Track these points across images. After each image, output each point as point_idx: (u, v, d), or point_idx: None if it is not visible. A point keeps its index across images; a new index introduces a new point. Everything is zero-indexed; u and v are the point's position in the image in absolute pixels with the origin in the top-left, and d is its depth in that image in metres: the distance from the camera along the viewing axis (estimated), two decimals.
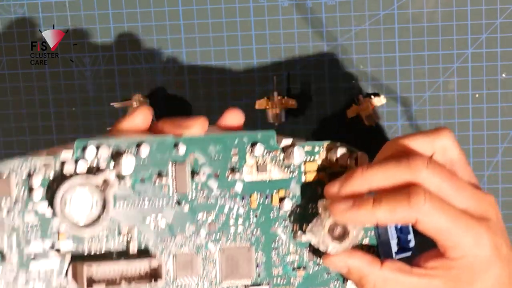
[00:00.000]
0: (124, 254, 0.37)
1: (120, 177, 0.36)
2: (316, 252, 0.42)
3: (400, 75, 0.64)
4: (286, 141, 0.41)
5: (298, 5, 0.63)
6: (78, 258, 0.36)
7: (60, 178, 0.36)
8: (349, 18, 0.63)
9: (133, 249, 0.37)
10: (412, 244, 0.42)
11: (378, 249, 0.43)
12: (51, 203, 0.36)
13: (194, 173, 0.38)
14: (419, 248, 0.42)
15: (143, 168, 0.37)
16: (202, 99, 0.66)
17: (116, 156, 0.36)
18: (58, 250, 0.36)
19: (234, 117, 0.42)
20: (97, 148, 0.36)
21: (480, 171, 0.65)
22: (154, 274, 0.36)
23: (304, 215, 0.42)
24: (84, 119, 0.67)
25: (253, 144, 0.40)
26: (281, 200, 0.41)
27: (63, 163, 0.36)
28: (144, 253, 0.38)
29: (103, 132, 0.66)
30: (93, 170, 0.36)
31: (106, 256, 0.37)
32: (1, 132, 0.68)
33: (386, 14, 0.63)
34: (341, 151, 0.42)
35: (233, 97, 0.65)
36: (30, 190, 0.36)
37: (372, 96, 0.64)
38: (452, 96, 0.64)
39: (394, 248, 0.42)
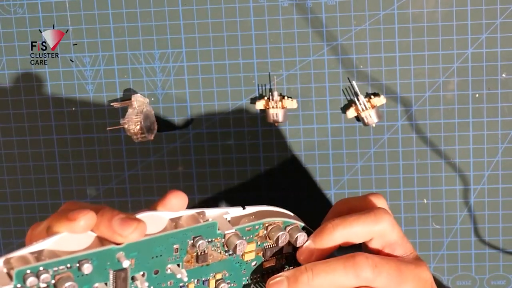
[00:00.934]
0: None
1: None
2: None
3: (400, 75, 0.64)
4: (229, 231, 0.40)
5: (298, 5, 0.63)
6: None
7: None
8: (349, 18, 0.63)
9: None
10: None
11: None
12: None
13: (133, 277, 0.38)
14: None
15: (84, 281, 0.36)
16: (202, 99, 0.66)
17: (57, 281, 0.35)
18: None
19: (177, 201, 0.40)
20: (38, 276, 0.35)
21: (480, 171, 0.65)
22: None
23: None
24: (84, 119, 0.67)
25: (196, 236, 0.40)
26: (218, 281, 0.42)
27: None
28: None
29: (103, 131, 0.67)
30: None
31: None
32: (1, 132, 0.68)
33: (386, 14, 0.63)
34: (281, 233, 0.42)
35: (233, 97, 0.65)
36: None
37: (372, 96, 0.64)
38: (452, 96, 0.64)
39: None
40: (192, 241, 0.39)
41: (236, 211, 0.42)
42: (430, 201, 0.66)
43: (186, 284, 0.41)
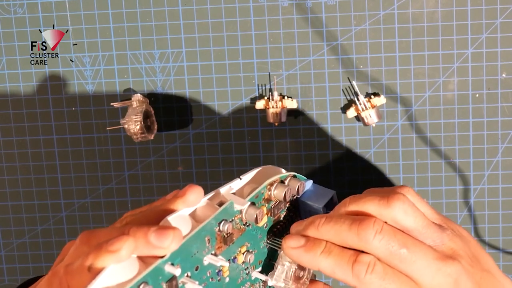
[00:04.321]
0: None
1: None
2: None
3: (400, 75, 0.64)
4: (245, 206, 0.43)
5: (298, 5, 0.63)
6: None
7: None
8: (349, 18, 0.63)
9: None
10: None
11: None
12: None
13: (182, 281, 0.39)
14: None
15: None
16: (202, 99, 0.66)
17: None
18: None
19: (195, 196, 0.40)
20: None
21: (480, 171, 0.65)
22: None
23: (259, 255, 0.45)
24: (84, 119, 0.67)
25: (220, 221, 0.41)
26: (244, 254, 0.44)
27: None
28: None
29: (103, 131, 0.67)
30: None
31: None
32: (1, 132, 0.68)
33: (386, 14, 0.63)
34: (286, 188, 0.45)
35: (233, 97, 0.65)
36: None
37: (372, 96, 0.64)
38: (452, 96, 0.64)
39: None
40: (218, 227, 0.41)
41: (236, 184, 0.44)
42: (430, 201, 0.66)
43: (221, 267, 0.42)
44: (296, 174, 0.46)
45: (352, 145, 0.65)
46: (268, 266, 0.46)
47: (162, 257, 0.37)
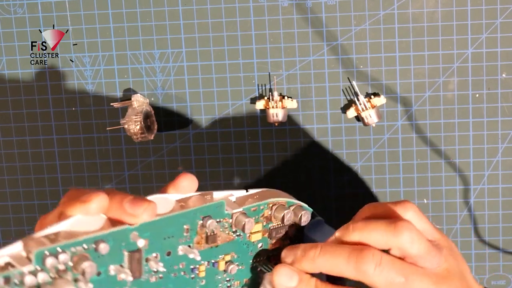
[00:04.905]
0: None
1: (80, 278, 0.36)
2: None
3: (400, 75, 0.64)
4: (237, 210, 0.41)
5: (298, 5, 0.63)
6: None
7: None
8: (349, 18, 0.63)
9: None
10: None
11: None
12: None
13: (147, 259, 0.39)
14: None
15: (100, 262, 0.36)
16: (202, 99, 0.66)
17: (75, 262, 0.35)
18: None
19: (187, 183, 0.41)
20: (56, 257, 0.35)
21: (480, 171, 0.65)
22: None
23: (247, 273, 0.44)
24: (84, 119, 0.67)
25: (205, 216, 0.40)
26: (227, 263, 0.42)
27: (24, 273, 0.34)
28: None
29: (103, 131, 0.67)
30: (54, 276, 0.35)
31: None
32: (1, 132, 0.68)
33: (386, 14, 0.63)
34: (286, 211, 0.43)
35: (233, 97, 0.65)
36: None
37: (372, 96, 0.64)
38: (452, 96, 0.64)
39: None
40: (201, 221, 0.40)
41: (240, 194, 0.43)
42: (430, 201, 0.66)
43: (197, 266, 0.41)
44: (304, 204, 0.45)
45: (352, 145, 0.65)
46: None
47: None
